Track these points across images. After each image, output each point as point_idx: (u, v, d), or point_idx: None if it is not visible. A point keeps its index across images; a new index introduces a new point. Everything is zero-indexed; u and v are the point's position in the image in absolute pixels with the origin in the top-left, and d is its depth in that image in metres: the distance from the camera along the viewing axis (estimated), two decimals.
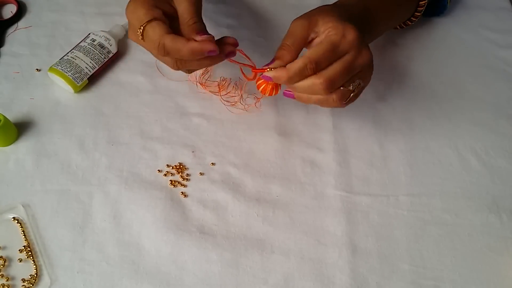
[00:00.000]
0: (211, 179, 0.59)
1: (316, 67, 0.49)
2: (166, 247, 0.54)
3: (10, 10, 0.72)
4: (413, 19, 0.68)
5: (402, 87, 0.69)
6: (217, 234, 0.56)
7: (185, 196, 0.58)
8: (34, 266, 0.52)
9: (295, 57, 0.51)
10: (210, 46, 0.49)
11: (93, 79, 0.65)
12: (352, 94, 0.52)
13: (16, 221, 0.55)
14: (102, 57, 0.65)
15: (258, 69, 0.53)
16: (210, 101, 0.66)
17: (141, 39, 0.50)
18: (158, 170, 0.60)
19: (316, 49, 0.49)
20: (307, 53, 0.49)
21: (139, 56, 0.69)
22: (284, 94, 0.54)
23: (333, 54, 0.49)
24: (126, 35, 0.70)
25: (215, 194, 0.58)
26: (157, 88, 0.66)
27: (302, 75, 0.50)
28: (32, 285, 0.51)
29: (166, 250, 0.54)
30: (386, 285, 0.54)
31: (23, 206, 0.56)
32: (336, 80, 0.49)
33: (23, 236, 0.54)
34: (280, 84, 0.54)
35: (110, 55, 0.66)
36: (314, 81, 0.49)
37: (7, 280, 0.52)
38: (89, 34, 0.66)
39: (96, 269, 0.53)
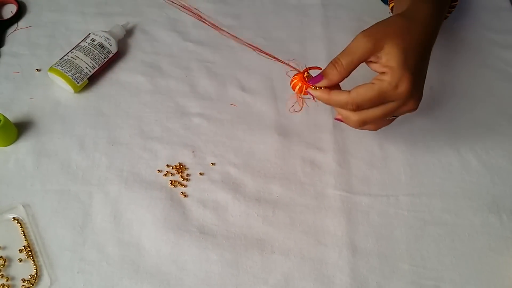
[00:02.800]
0: (211, 179, 0.59)
1: (357, 109, 0.49)
2: (166, 247, 0.54)
3: (10, 10, 0.72)
4: (447, 15, 0.68)
5: None
6: (217, 234, 0.56)
7: (185, 196, 0.58)
8: (34, 266, 0.52)
9: (344, 78, 0.50)
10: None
11: (93, 79, 0.65)
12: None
13: (16, 221, 0.55)
14: (102, 57, 0.65)
15: (305, 82, 0.52)
16: (210, 101, 0.66)
17: None
18: (158, 170, 0.60)
19: (363, 92, 0.48)
20: (352, 93, 0.49)
21: (139, 56, 0.69)
22: (337, 120, 0.55)
23: (378, 101, 0.49)
24: (126, 35, 0.70)
25: (215, 194, 0.58)
26: (157, 88, 0.66)
27: (341, 107, 0.51)
28: (32, 285, 0.51)
29: (166, 250, 0.54)
30: (386, 285, 0.54)
31: (23, 206, 0.56)
32: (370, 121, 0.50)
33: (23, 236, 0.54)
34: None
35: (110, 55, 0.66)
36: (349, 116, 0.51)
37: (7, 280, 0.52)
38: (89, 34, 0.66)
39: (96, 269, 0.53)
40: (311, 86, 0.51)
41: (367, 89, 0.48)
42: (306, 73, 0.52)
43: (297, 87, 0.53)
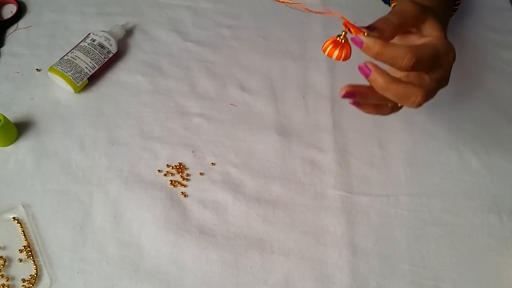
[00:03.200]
0: (211, 179, 0.59)
1: (414, 65, 0.42)
2: (166, 247, 0.54)
3: (10, 10, 0.72)
4: (453, 13, 0.68)
5: None
6: (217, 234, 0.56)
7: (185, 196, 0.58)
8: (34, 266, 0.52)
9: (392, 38, 0.45)
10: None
11: (93, 79, 0.65)
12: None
13: (16, 221, 0.55)
14: (102, 57, 0.65)
15: (353, 26, 0.43)
16: (210, 101, 0.66)
17: None
18: (158, 170, 0.60)
19: (421, 48, 0.44)
20: (410, 47, 0.43)
21: (139, 56, 0.69)
22: (360, 68, 0.45)
23: (433, 62, 0.44)
24: (125, 35, 0.70)
25: (215, 194, 0.58)
26: (157, 88, 0.66)
27: (393, 61, 0.43)
28: (32, 285, 0.51)
29: (166, 250, 0.54)
30: (386, 285, 0.54)
31: (23, 206, 0.56)
32: (432, 94, 0.46)
33: (23, 236, 0.54)
34: (349, 52, 0.45)
35: (110, 55, 0.66)
36: (416, 91, 0.44)
37: (7, 280, 0.52)
38: (89, 34, 0.66)
39: (96, 269, 0.53)
40: (363, 32, 0.43)
41: (424, 46, 0.44)
42: (345, 31, 0.45)
43: (330, 49, 0.45)
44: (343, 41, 0.45)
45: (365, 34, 0.43)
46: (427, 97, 0.45)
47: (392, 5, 0.66)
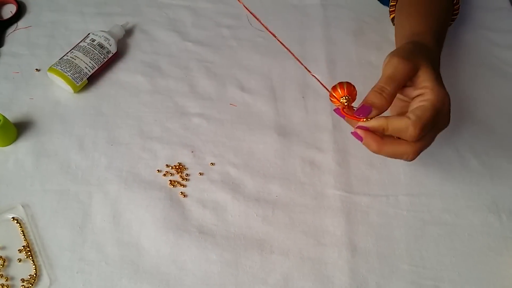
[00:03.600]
0: (211, 179, 0.59)
1: (420, 133, 0.44)
2: (165, 247, 0.54)
3: (10, 10, 0.72)
4: (451, 22, 0.68)
5: None
6: (216, 234, 0.56)
7: (185, 196, 0.58)
8: (34, 266, 0.52)
9: (390, 105, 0.46)
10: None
11: (92, 79, 0.65)
12: None
13: (16, 221, 0.55)
14: (102, 57, 0.65)
15: (350, 116, 0.46)
16: (210, 101, 0.66)
17: None
18: (158, 170, 0.60)
19: (422, 113, 0.45)
20: (411, 116, 0.44)
21: (139, 56, 0.69)
22: (353, 134, 0.47)
23: (434, 121, 0.46)
24: (125, 35, 0.70)
25: (214, 194, 0.58)
26: (157, 88, 0.66)
27: (400, 134, 0.45)
28: (32, 285, 0.51)
29: (165, 250, 0.54)
30: (386, 285, 0.54)
31: (22, 206, 0.56)
32: (424, 149, 0.47)
33: (23, 236, 0.54)
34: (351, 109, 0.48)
35: (110, 55, 0.66)
36: (407, 150, 0.46)
37: (7, 280, 0.52)
38: (89, 34, 0.66)
39: (95, 269, 0.53)
40: (363, 119, 0.46)
41: (423, 110, 0.45)
42: (345, 101, 0.47)
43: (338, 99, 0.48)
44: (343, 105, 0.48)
45: (363, 120, 0.46)
46: (418, 153, 0.47)
47: (391, 12, 0.66)
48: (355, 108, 0.47)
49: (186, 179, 0.59)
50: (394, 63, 0.47)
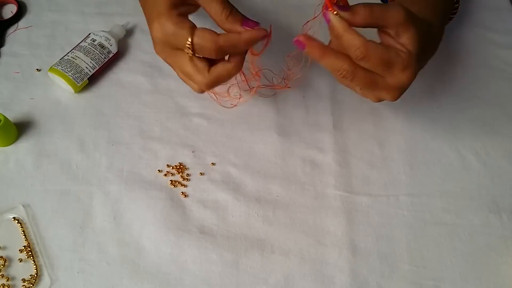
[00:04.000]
0: (211, 179, 0.59)
1: (361, 59, 0.46)
2: (166, 247, 0.55)
3: (10, 10, 0.72)
4: (449, 21, 0.68)
5: None
6: (217, 234, 0.56)
7: (185, 196, 0.58)
8: (34, 266, 0.52)
9: (362, 25, 0.46)
10: (263, 31, 0.47)
11: (93, 79, 0.65)
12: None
13: (17, 221, 0.55)
14: (102, 57, 0.65)
15: (330, 3, 0.46)
16: (210, 101, 0.66)
17: (192, 54, 0.48)
18: (158, 170, 0.60)
19: (378, 49, 0.46)
20: (370, 42, 0.46)
21: (139, 56, 0.69)
22: (296, 42, 0.48)
23: (382, 66, 0.46)
24: (126, 35, 0.70)
25: (215, 194, 0.58)
26: (157, 88, 0.66)
27: (348, 48, 0.46)
28: (32, 285, 0.51)
29: (166, 250, 0.54)
30: (386, 285, 0.54)
31: (23, 206, 0.56)
32: (355, 83, 0.48)
33: (23, 236, 0.54)
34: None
35: (110, 55, 0.66)
36: (344, 67, 0.47)
37: (7, 280, 0.52)
38: (89, 34, 0.66)
39: (96, 269, 0.53)
40: (332, 10, 0.46)
41: (384, 49, 0.46)
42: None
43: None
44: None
45: (335, 12, 0.46)
46: (352, 77, 0.47)
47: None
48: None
49: (186, 179, 0.59)
50: (396, 7, 0.46)
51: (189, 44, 0.47)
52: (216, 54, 0.48)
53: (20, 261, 0.53)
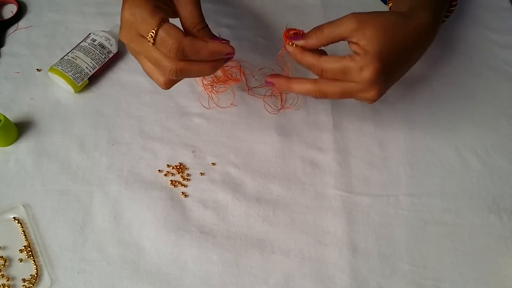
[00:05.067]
0: (212, 179, 0.59)
1: (320, 75, 0.51)
2: (166, 247, 0.55)
3: (10, 10, 0.72)
4: (445, 19, 0.68)
5: (402, 87, 0.69)
6: (217, 234, 0.56)
7: (186, 196, 0.58)
8: (35, 266, 0.52)
9: (320, 46, 0.51)
10: (229, 48, 0.49)
11: (93, 79, 0.65)
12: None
13: (17, 221, 0.55)
14: (103, 57, 0.65)
15: (285, 38, 0.52)
16: (210, 101, 0.66)
17: (152, 43, 0.46)
18: (159, 170, 0.60)
19: (331, 61, 0.50)
20: (323, 58, 0.50)
21: None
22: (266, 83, 0.55)
23: (340, 75, 0.50)
24: None
25: (215, 194, 0.58)
26: (157, 88, 0.65)
27: (309, 68, 0.51)
28: (33, 285, 0.51)
29: (166, 250, 0.54)
30: (386, 285, 0.54)
31: (23, 206, 0.56)
32: (330, 96, 0.52)
33: (24, 236, 0.54)
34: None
35: (111, 55, 0.66)
36: (310, 88, 0.52)
37: (8, 280, 0.52)
38: (90, 34, 0.66)
39: (96, 269, 0.53)
40: (288, 42, 0.52)
41: (336, 60, 0.50)
42: (290, 33, 0.52)
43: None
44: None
45: (291, 44, 0.51)
46: (323, 94, 0.52)
47: (389, 5, 0.66)
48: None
49: (187, 179, 0.59)
50: (346, 16, 0.50)
51: (152, 33, 0.46)
52: (176, 53, 0.46)
53: (20, 261, 0.53)
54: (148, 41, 0.46)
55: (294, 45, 0.51)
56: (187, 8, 0.49)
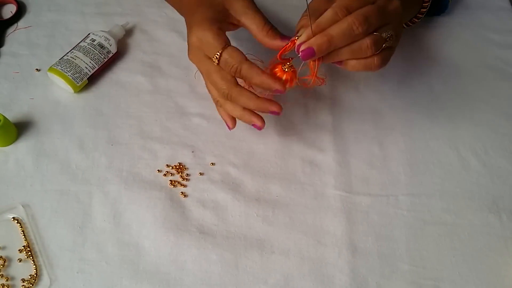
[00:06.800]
0: (211, 179, 0.59)
1: (347, 12, 0.47)
2: (165, 247, 0.54)
3: (10, 10, 0.72)
4: (415, 20, 0.68)
5: (402, 87, 0.69)
6: (216, 234, 0.56)
7: (185, 196, 0.58)
8: (34, 266, 0.52)
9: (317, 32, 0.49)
10: (276, 107, 0.53)
11: (92, 79, 0.65)
12: (385, 45, 0.49)
13: (16, 221, 0.55)
14: (102, 57, 0.65)
15: (283, 48, 0.51)
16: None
17: (217, 64, 0.51)
18: (158, 170, 0.60)
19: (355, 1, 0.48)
20: (335, 3, 0.48)
21: (139, 56, 0.69)
22: (303, 53, 0.48)
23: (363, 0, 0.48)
24: (125, 35, 0.70)
25: (215, 194, 0.58)
26: (157, 88, 0.66)
27: (334, 30, 0.47)
28: (32, 285, 0.51)
29: (165, 250, 0.54)
30: (386, 285, 0.54)
31: (23, 206, 0.56)
32: (370, 17, 0.47)
33: (23, 236, 0.54)
34: (296, 75, 0.53)
35: (110, 55, 0.66)
36: (349, 20, 0.46)
37: (7, 280, 0.52)
38: (89, 34, 0.66)
39: (95, 269, 0.53)
40: (296, 38, 0.49)
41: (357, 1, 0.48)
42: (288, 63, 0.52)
43: (280, 69, 0.53)
44: (288, 70, 0.53)
45: (296, 38, 0.49)
46: (362, 20, 0.47)
47: None
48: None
49: (186, 179, 0.59)
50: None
51: (217, 56, 0.51)
52: (235, 72, 0.51)
53: (20, 261, 0.53)
54: (213, 61, 0.52)
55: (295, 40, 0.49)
56: (249, 14, 0.53)
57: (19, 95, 0.64)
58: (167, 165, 0.60)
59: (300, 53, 0.48)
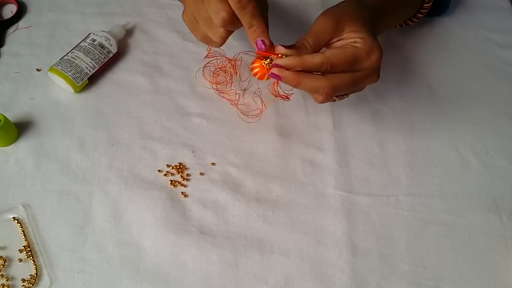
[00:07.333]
0: (211, 179, 0.59)
1: (331, 70, 0.49)
2: (166, 247, 0.55)
3: (10, 10, 0.72)
4: (414, 19, 0.68)
5: (402, 87, 0.69)
6: (217, 234, 0.56)
7: (185, 196, 0.58)
8: (34, 266, 0.52)
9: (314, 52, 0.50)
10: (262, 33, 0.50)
11: (93, 79, 0.65)
12: (335, 99, 0.53)
13: (16, 221, 0.55)
14: (102, 57, 0.65)
15: (266, 53, 0.50)
16: (210, 101, 0.66)
17: None
18: (158, 170, 0.60)
19: (338, 53, 0.49)
20: (327, 53, 0.49)
21: (139, 56, 0.69)
22: (271, 75, 0.50)
23: (351, 66, 0.49)
24: (126, 35, 0.70)
25: (215, 194, 0.58)
26: (157, 88, 0.66)
27: (314, 68, 0.49)
28: (32, 285, 0.51)
29: (166, 250, 0.54)
30: (386, 285, 0.54)
31: (23, 206, 0.56)
32: (340, 90, 0.50)
33: (23, 236, 0.54)
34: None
35: (110, 55, 0.66)
36: (322, 84, 0.49)
37: (7, 280, 0.52)
38: (89, 34, 0.66)
39: (96, 269, 0.53)
40: (277, 56, 0.49)
41: (342, 51, 0.49)
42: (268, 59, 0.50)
43: (257, 70, 0.51)
44: (268, 66, 0.51)
45: (283, 56, 0.49)
46: (333, 89, 0.49)
47: None
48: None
49: (186, 179, 0.59)
50: (318, 20, 0.51)
51: None
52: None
53: (20, 261, 0.53)
54: None
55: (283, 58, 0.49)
56: None
57: (20, 95, 0.64)
58: (167, 165, 0.60)
59: (270, 72, 0.50)
